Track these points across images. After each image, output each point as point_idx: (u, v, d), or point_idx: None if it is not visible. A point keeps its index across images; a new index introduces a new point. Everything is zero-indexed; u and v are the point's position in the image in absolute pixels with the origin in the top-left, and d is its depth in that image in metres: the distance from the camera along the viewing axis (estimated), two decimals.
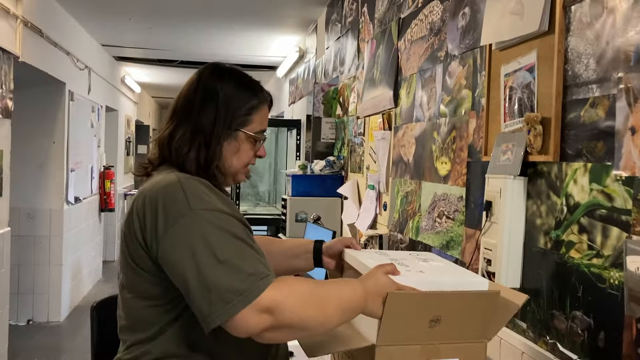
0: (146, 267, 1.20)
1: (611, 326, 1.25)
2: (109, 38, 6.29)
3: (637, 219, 1.19)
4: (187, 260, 1.11)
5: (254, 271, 1.11)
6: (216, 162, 1.27)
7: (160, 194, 1.18)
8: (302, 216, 3.70)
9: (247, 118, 1.31)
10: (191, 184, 1.20)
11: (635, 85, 1.20)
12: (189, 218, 1.14)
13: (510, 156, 1.60)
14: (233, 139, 1.29)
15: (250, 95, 1.32)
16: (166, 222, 1.15)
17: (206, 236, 1.12)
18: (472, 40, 1.96)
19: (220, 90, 1.29)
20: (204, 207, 1.15)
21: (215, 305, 1.08)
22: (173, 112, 1.32)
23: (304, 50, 5.59)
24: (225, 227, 1.15)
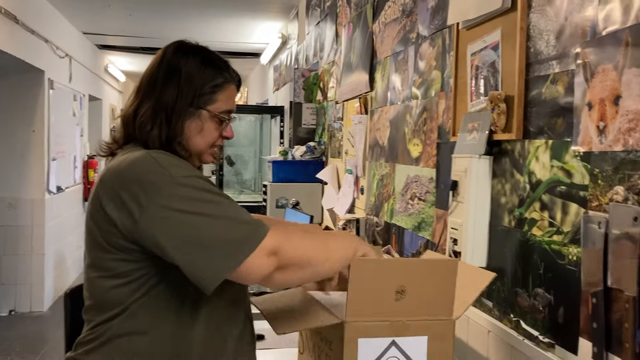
0: (117, 245, 1.18)
1: (570, 302, 1.25)
2: (90, 26, 6.22)
3: (594, 195, 1.19)
4: (180, 224, 1.11)
5: (249, 219, 1.14)
6: (178, 139, 1.26)
7: (134, 169, 1.16)
8: (282, 202, 3.69)
9: (212, 97, 1.28)
10: (163, 156, 1.20)
11: (591, 60, 1.20)
12: (172, 186, 1.13)
13: (475, 135, 1.60)
14: (196, 117, 1.27)
15: (215, 73, 1.29)
16: (147, 194, 1.13)
17: (194, 198, 1.12)
18: (441, 20, 1.95)
19: (183, 67, 1.27)
20: (185, 174, 1.15)
21: (223, 257, 1.09)
22: (137, 89, 1.30)
23: (287, 37, 5.56)
24: (209, 188, 1.16)
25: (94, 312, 1.24)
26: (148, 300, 1.20)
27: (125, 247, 1.17)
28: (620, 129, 1.11)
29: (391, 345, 1.26)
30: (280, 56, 5.90)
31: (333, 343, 1.27)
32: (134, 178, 1.15)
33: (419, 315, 1.26)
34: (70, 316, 1.93)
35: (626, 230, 1.07)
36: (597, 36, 1.19)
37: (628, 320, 1.06)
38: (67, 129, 5.88)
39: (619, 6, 1.13)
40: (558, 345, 1.29)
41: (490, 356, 1.56)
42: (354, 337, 1.22)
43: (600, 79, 1.17)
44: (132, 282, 1.20)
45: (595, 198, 1.18)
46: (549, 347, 1.32)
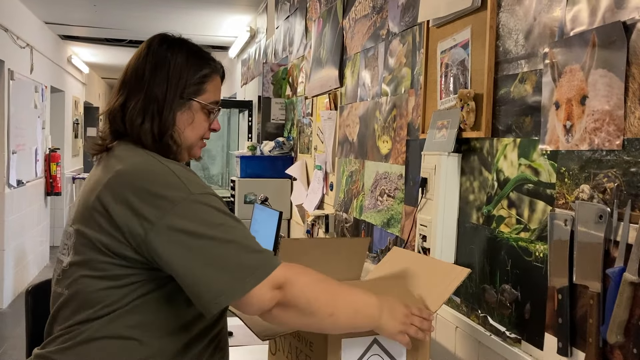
0: (118, 250, 1.14)
1: (536, 298, 1.28)
2: (52, 15, 6.04)
3: (560, 192, 1.21)
4: (191, 243, 1.09)
5: (261, 248, 1.13)
6: (170, 132, 1.24)
7: (148, 177, 1.14)
8: (251, 198, 3.66)
9: (200, 87, 1.27)
10: (180, 169, 1.18)
11: (559, 60, 1.21)
12: (189, 201, 1.11)
13: (445, 133, 1.61)
14: (187, 109, 1.26)
15: (202, 64, 1.28)
16: (162, 209, 1.10)
17: (209, 218, 1.11)
18: (412, 17, 1.95)
19: (171, 59, 1.25)
20: (202, 192, 1.14)
21: (228, 284, 1.08)
22: (122, 84, 1.27)
23: (255, 30, 5.51)
24: (223, 209, 1.14)
25: (73, 310, 1.19)
26: (138, 306, 1.16)
27: (126, 254, 1.13)
28: (587, 128, 1.13)
29: (373, 343, 1.28)
30: (249, 50, 5.85)
31: (314, 344, 1.27)
32: (149, 188, 1.12)
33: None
34: (32, 314, 1.87)
35: (591, 227, 1.10)
36: (564, 37, 1.21)
37: (592, 315, 1.09)
38: (28, 121, 5.71)
39: (586, 7, 1.15)
40: (524, 340, 1.31)
41: (457, 352, 1.58)
42: (337, 338, 1.23)
43: (568, 79, 1.19)
44: (125, 286, 1.16)
45: (561, 196, 1.20)
46: (515, 342, 1.34)
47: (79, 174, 8.58)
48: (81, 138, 9.17)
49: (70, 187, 7.98)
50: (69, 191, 7.88)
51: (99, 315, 1.15)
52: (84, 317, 1.16)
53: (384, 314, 1.20)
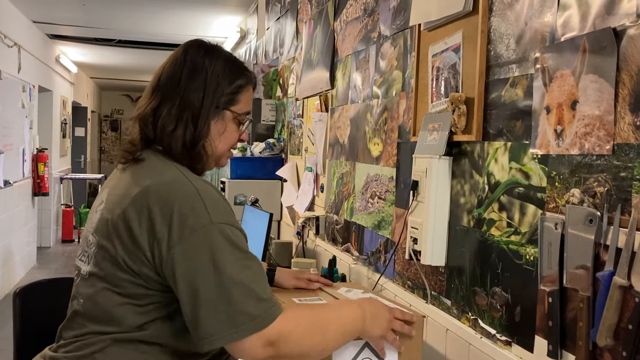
0: (137, 270, 1.13)
1: (526, 301, 1.28)
2: (41, 14, 6.00)
3: (551, 196, 1.22)
4: (200, 273, 1.08)
5: (267, 297, 1.11)
6: (203, 141, 1.22)
7: (176, 198, 1.12)
8: (241, 199, 3.65)
9: (235, 97, 1.26)
10: (208, 191, 1.16)
11: (550, 65, 1.22)
12: (208, 230, 1.10)
13: (436, 136, 1.61)
14: (220, 118, 1.25)
15: (238, 74, 1.27)
16: (182, 229, 1.09)
17: (223, 252, 1.09)
18: (403, 21, 1.96)
19: (209, 66, 1.23)
20: (223, 221, 1.12)
21: (224, 325, 1.07)
22: (155, 88, 1.25)
23: (245, 31, 5.50)
24: (241, 245, 1.13)
25: (89, 319, 1.19)
26: (153, 328, 1.16)
27: (146, 274, 1.13)
28: (577, 133, 1.14)
29: (364, 346, 1.28)
30: (239, 51, 5.84)
31: None
32: (173, 210, 1.10)
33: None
34: (19, 316, 1.86)
35: (582, 231, 1.11)
36: (555, 42, 1.22)
37: (582, 319, 1.10)
38: (15, 120, 5.66)
39: (577, 13, 1.16)
40: (515, 343, 1.32)
41: (448, 354, 1.58)
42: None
43: (559, 83, 1.20)
44: (143, 306, 1.16)
45: (552, 200, 1.21)
46: (506, 345, 1.35)
47: (67, 174, 8.51)
48: (69, 138, 9.10)
49: (57, 188, 7.92)
50: (56, 191, 7.81)
51: (115, 330, 1.16)
52: (100, 329, 1.16)
53: (367, 322, 1.24)
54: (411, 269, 1.83)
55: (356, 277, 2.26)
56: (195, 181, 1.17)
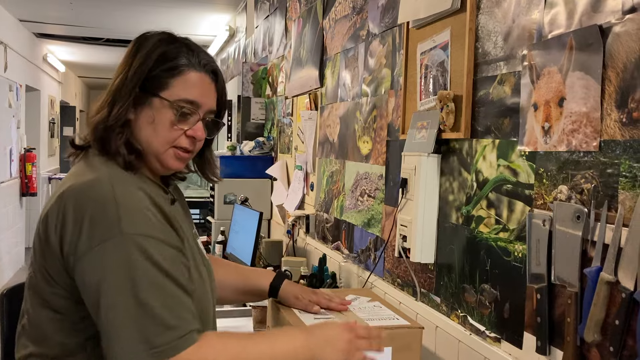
0: (59, 279, 1.03)
1: (515, 297, 1.29)
2: (27, 13, 5.94)
3: (539, 193, 1.22)
4: (104, 291, 0.96)
5: (176, 324, 0.96)
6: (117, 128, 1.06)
7: (89, 203, 0.99)
8: (230, 198, 3.64)
9: (165, 81, 1.07)
10: (127, 196, 1.01)
11: (537, 62, 1.23)
12: (117, 242, 0.97)
13: (425, 134, 1.62)
14: (147, 105, 1.07)
15: (175, 54, 1.08)
16: (90, 239, 0.97)
17: (131, 269, 0.96)
18: (392, 18, 1.96)
19: (140, 45, 1.10)
20: (137, 232, 0.98)
21: (121, 352, 0.95)
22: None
23: (234, 30, 5.48)
24: (157, 259, 0.98)
25: (31, 340, 1.08)
26: (89, 350, 1.05)
27: (66, 283, 1.02)
28: (564, 130, 1.15)
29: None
30: (228, 49, 5.82)
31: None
32: (85, 216, 0.99)
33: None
34: (6, 317, 1.84)
35: (569, 227, 1.11)
36: (543, 39, 1.22)
37: (570, 315, 1.10)
38: (2, 120, 5.61)
39: (564, 10, 1.16)
40: (504, 339, 1.33)
41: (437, 351, 1.59)
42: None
43: (546, 80, 1.20)
44: (73, 323, 1.04)
45: (540, 196, 1.22)
46: (495, 341, 1.35)
47: (55, 174, 8.45)
48: (57, 138, 9.03)
49: (46, 188, 7.86)
50: (45, 192, 7.75)
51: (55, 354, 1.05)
52: (39, 351, 1.07)
53: (318, 350, 1.09)
54: (401, 266, 1.84)
55: (346, 275, 2.26)
56: (117, 184, 1.02)
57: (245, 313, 2.22)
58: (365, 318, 1.32)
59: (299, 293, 1.40)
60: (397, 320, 1.34)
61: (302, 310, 1.38)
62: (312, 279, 2.29)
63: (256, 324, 1.99)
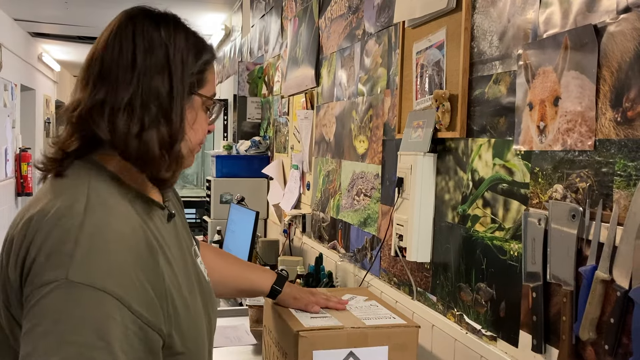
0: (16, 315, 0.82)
1: (511, 296, 1.29)
2: (22, 12, 5.93)
3: (534, 192, 1.23)
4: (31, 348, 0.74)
5: None
6: (180, 139, 0.91)
7: (52, 233, 0.80)
8: (227, 197, 3.64)
9: (202, 77, 0.95)
10: (101, 223, 0.81)
11: (533, 61, 1.23)
12: (59, 292, 0.75)
13: (420, 133, 1.62)
14: (190, 107, 0.94)
15: (203, 47, 0.97)
16: (38, 278, 0.77)
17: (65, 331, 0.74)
18: (387, 18, 1.96)
19: (168, 40, 0.92)
20: (86, 281, 0.76)
21: None
22: (97, 75, 0.90)
23: (230, 29, 5.48)
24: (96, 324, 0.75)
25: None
26: None
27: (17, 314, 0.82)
28: (559, 129, 1.15)
29: (349, 356, 1.23)
30: (224, 48, 5.81)
31: (288, 355, 1.24)
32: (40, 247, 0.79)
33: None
34: None
35: (564, 226, 1.12)
36: (538, 38, 1.23)
37: (566, 313, 1.11)
38: None
39: (559, 10, 1.17)
40: (500, 338, 1.33)
41: (434, 350, 1.59)
42: (308, 350, 1.19)
43: (541, 80, 1.20)
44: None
45: (535, 195, 1.22)
46: (491, 340, 1.36)
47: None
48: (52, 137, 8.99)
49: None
50: None
51: None
52: None
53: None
54: (397, 265, 1.84)
55: (343, 275, 2.26)
56: (94, 206, 0.83)
57: (242, 312, 2.22)
58: (362, 317, 1.32)
59: (297, 294, 1.40)
60: (393, 319, 1.34)
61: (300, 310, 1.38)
62: (308, 278, 2.29)
63: (252, 323, 1.99)
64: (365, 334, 1.24)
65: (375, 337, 1.24)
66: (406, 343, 1.30)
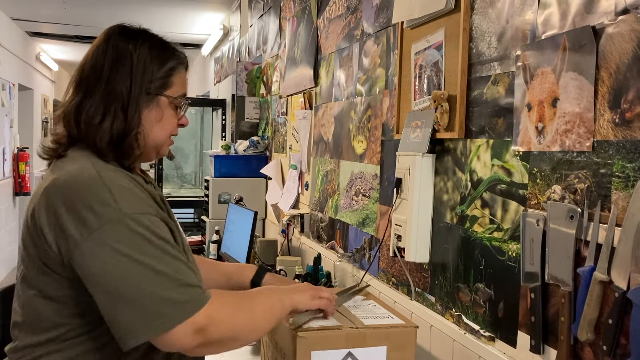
0: (57, 269, 1.06)
1: (509, 296, 1.30)
2: (20, 12, 5.91)
3: (533, 193, 1.23)
4: (115, 268, 1.00)
5: (193, 282, 1.04)
6: (135, 132, 1.13)
7: (78, 189, 1.04)
8: (225, 197, 3.64)
9: (168, 80, 1.18)
10: (115, 179, 1.07)
11: (531, 62, 1.23)
12: (118, 223, 1.01)
13: (419, 134, 1.62)
14: (155, 105, 1.16)
15: (167, 55, 1.19)
16: (88, 224, 1.01)
17: (139, 243, 1.02)
18: (386, 18, 1.96)
19: (133, 51, 1.15)
20: (136, 211, 1.04)
21: (148, 317, 0.99)
22: (78, 82, 1.16)
23: (229, 28, 5.47)
24: (161, 233, 1.05)
25: (25, 332, 1.12)
26: (95, 332, 1.09)
27: (64, 272, 1.06)
28: (558, 130, 1.15)
29: (347, 357, 1.23)
30: (222, 48, 5.81)
31: (287, 355, 1.24)
32: (77, 202, 1.02)
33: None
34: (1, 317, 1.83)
35: (563, 227, 1.12)
36: (536, 39, 1.23)
37: (564, 314, 1.11)
38: None
39: (557, 11, 1.17)
40: (498, 338, 1.33)
41: (432, 350, 1.59)
42: (306, 351, 1.19)
43: (539, 81, 1.21)
44: (74, 307, 1.08)
45: (534, 196, 1.22)
46: (489, 340, 1.36)
47: None
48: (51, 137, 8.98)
49: None
50: None
51: (47, 339, 1.09)
52: (37, 340, 1.10)
53: (290, 294, 1.22)
54: (395, 265, 1.84)
55: (341, 275, 2.27)
56: (100, 168, 1.08)
57: None
58: (360, 316, 1.32)
59: (279, 282, 1.46)
60: (391, 319, 1.34)
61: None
62: (306, 278, 2.29)
63: None
64: (363, 334, 1.24)
65: (373, 338, 1.24)
66: (404, 343, 1.29)
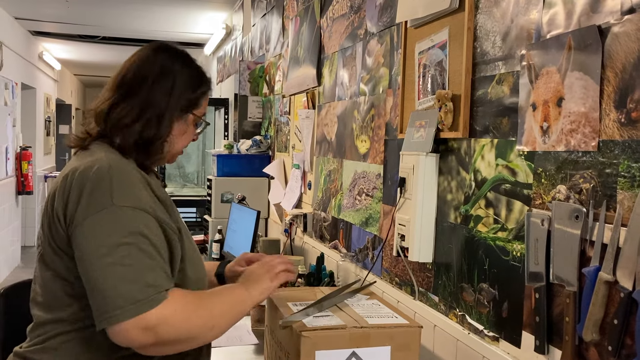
0: (65, 249, 1.17)
1: (514, 296, 1.29)
2: (23, 11, 5.92)
3: (537, 193, 1.22)
4: (94, 255, 1.11)
5: (154, 282, 1.11)
6: (163, 139, 1.28)
7: (90, 178, 1.15)
8: (227, 197, 3.64)
9: (198, 102, 1.35)
10: (121, 171, 1.18)
11: (536, 62, 1.23)
12: (108, 212, 1.12)
13: (423, 133, 1.62)
14: (183, 121, 1.32)
15: (202, 82, 1.36)
16: (87, 210, 1.13)
17: (119, 236, 1.11)
18: (390, 18, 1.96)
19: (177, 72, 1.31)
20: (126, 204, 1.14)
21: (107, 307, 1.08)
22: (119, 84, 1.29)
23: (231, 28, 5.47)
24: (142, 229, 1.14)
25: (44, 310, 1.23)
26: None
27: (72, 252, 1.16)
28: (563, 129, 1.15)
29: (351, 357, 1.22)
30: (225, 47, 5.81)
31: (291, 355, 1.24)
32: (82, 188, 1.15)
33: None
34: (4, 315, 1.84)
35: (568, 227, 1.11)
36: (541, 39, 1.22)
37: (569, 314, 1.11)
38: None
39: (562, 11, 1.17)
40: (502, 338, 1.33)
41: (436, 350, 1.59)
42: (311, 350, 1.18)
43: (544, 80, 1.20)
44: (77, 289, 1.17)
45: (538, 196, 1.22)
46: (493, 340, 1.36)
47: (51, 173, 8.41)
48: (53, 136, 9.01)
49: (42, 186, 7.83)
50: (40, 190, 7.73)
51: (64, 316, 1.19)
52: (56, 317, 1.20)
53: (249, 288, 1.28)
54: (399, 265, 1.84)
55: (344, 274, 2.26)
56: (113, 161, 1.19)
57: None
58: (364, 316, 1.32)
59: (237, 262, 1.56)
60: (395, 319, 1.34)
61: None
62: (309, 277, 2.29)
63: (254, 322, 1.99)
64: (367, 334, 1.23)
65: (377, 337, 1.23)
66: (409, 343, 1.29)
